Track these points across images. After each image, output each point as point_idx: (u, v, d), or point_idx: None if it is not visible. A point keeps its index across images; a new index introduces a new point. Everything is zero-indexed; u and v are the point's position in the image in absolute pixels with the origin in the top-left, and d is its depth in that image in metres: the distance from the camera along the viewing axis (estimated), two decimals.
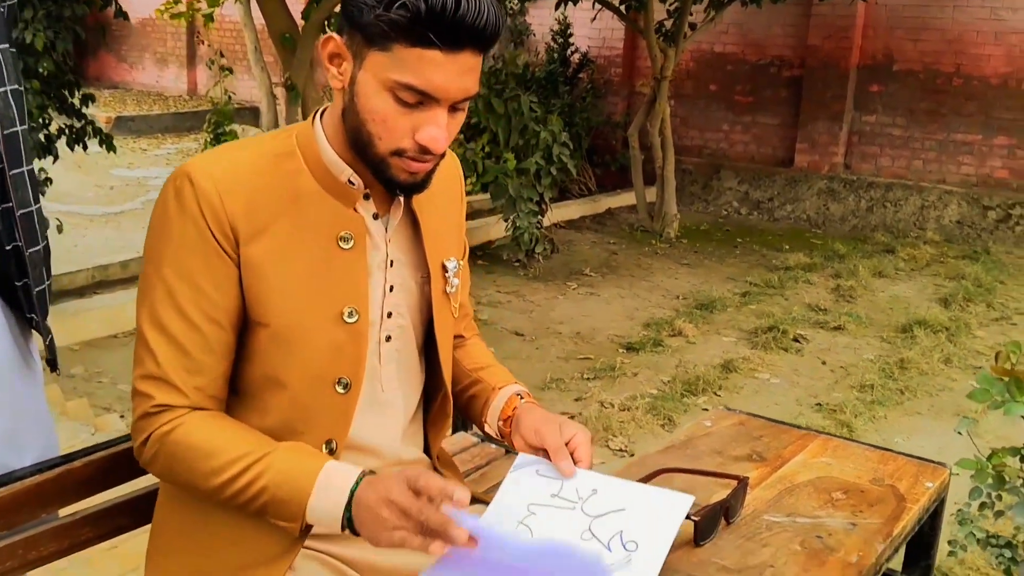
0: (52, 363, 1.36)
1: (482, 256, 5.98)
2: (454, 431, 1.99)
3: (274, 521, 1.16)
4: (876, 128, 7.86)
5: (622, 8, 6.72)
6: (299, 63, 4.55)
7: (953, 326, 4.84)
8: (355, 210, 1.23)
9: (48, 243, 1.28)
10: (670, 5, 6.78)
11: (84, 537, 1.41)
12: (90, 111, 4.60)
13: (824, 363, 4.35)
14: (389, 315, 1.28)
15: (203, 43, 11.24)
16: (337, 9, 4.78)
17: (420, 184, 1.21)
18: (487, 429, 1.42)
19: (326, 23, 4.67)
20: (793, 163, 8.12)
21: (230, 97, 5.27)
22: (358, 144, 1.18)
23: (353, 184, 1.21)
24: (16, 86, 1.21)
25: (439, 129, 1.13)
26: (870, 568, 1.24)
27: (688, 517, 1.21)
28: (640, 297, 5.34)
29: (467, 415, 1.47)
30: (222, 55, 7.27)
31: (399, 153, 1.16)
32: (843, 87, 7.82)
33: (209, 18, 6.35)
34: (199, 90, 12.62)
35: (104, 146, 4.49)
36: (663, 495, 1.24)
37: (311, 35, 4.64)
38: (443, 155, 1.19)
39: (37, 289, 1.25)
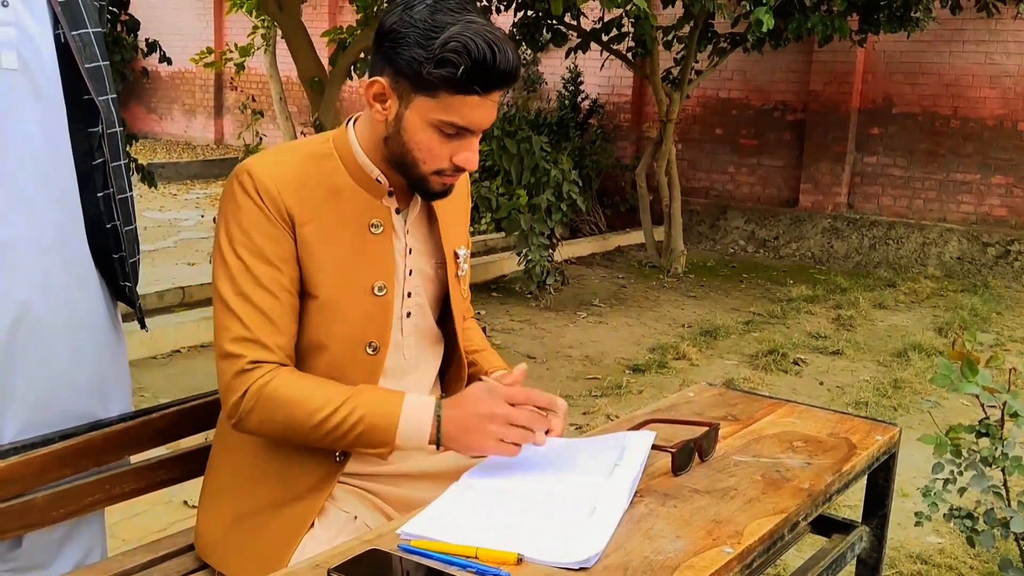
0: (141, 322, 1.63)
1: (496, 289, 6.26)
2: None
3: (365, 450, 1.40)
4: (877, 169, 8.14)
5: (629, 56, 7.08)
6: (327, 105, 4.89)
7: (947, 350, 5.05)
8: (382, 203, 1.48)
9: (137, 224, 1.56)
10: (676, 53, 7.13)
11: (160, 479, 1.67)
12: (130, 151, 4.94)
13: (821, 383, 4.57)
14: (409, 295, 1.53)
15: (235, 88, 11.74)
16: (363, 55, 5.14)
17: (448, 192, 1.49)
18: None
19: (352, 67, 5.02)
20: (798, 203, 8.40)
21: (262, 139, 5.61)
22: (402, 165, 1.43)
23: (380, 182, 1.47)
24: (115, 95, 1.50)
25: (474, 153, 1.41)
26: (819, 494, 1.48)
27: (665, 450, 1.47)
28: (647, 325, 5.59)
29: None
30: (253, 99, 7.67)
31: (439, 173, 1.42)
32: (845, 130, 8.12)
33: (240, 67, 6.74)
34: (226, 139, 13.09)
35: (145, 182, 4.82)
36: (634, 434, 1.50)
37: (338, 79, 5.00)
38: None
39: (130, 261, 1.53)
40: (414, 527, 1.22)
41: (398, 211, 1.50)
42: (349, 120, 1.51)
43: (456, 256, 1.59)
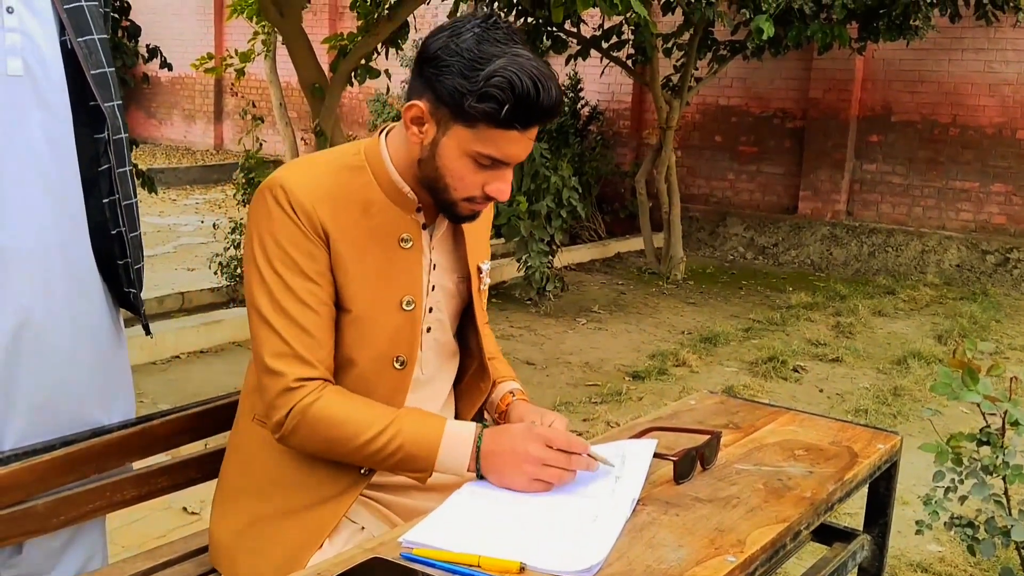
0: (146, 328, 1.63)
1: (495, 295, 6.25)
2: None
3: (406, 473, 1.41)
4: (877, 176, 8.15)
5: (629, 63, 7.09)
6: (327, 111, 4.89)
7: (947, 358, 5.04)
8: (411, 218, 1.48)
9: (141, 231, 1.56)
10: (676, 60, 7.14)
11: (160, 486, 1.66)
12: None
13: (821, 391, 4.57)
14: (430, 310, 1.54)
15: (235, 94, 11.76)
16: (363, 62, 5.15)
17: (475, 217, 1.49)
18: (485, 416, 1.69)
19: (352, 74, 5.02)
20: (797, 210, 8.40)
21: (261, 144, 5.61)
22: (433, 188, 1.43)
23: (411, 198, 1.47)
24: (120, 101, 1.50)
25: (507, 185, 1.42)
26: (821, 503, 1.47)
27: (667, 458, 1.47)
28: (647, 332, 5.59)
29: None
30: (253, 105, 7.68)
31: (469, 200, 1.43)
32: (844, 137, 8.13)
33: (241, 73, 6.76)
34: (225, 145, 13.10)
35: (145, 187, 4.83)
36: (635, 443, 1.50)
37: (339, 85, 5.00)
38: None
39: (135, 267, 1.53)
40: (416, 535, 1.22)
41: (424, 227, 1.50)
42: (381, 132, 1.51)
43: (479, 271, 1.59)
